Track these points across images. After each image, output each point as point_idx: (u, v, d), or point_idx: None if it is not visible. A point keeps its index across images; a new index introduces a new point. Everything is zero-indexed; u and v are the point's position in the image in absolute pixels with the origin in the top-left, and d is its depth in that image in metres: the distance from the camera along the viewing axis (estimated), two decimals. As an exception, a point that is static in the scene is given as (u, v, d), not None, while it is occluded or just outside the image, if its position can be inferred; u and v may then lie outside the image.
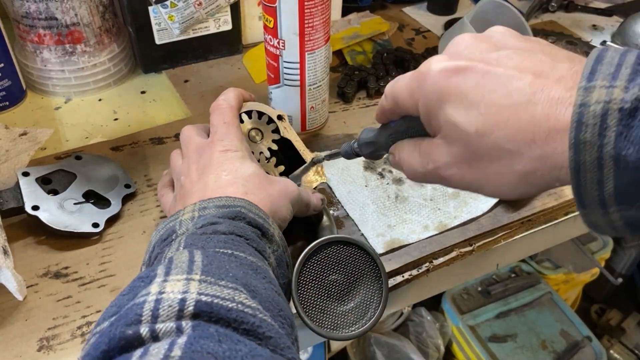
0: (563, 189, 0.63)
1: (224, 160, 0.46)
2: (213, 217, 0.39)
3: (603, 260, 1.50)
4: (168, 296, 0.28)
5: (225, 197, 0.42)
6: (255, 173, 0.46)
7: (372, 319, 0.46)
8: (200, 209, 0.41)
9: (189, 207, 0.41)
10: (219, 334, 0.27)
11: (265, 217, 0.42)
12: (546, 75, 0.30)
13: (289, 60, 0.63)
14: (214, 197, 0.42)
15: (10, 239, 0.54)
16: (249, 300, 0.30)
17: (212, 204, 0.41)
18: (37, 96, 0.77)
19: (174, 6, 0.75)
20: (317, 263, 0.46)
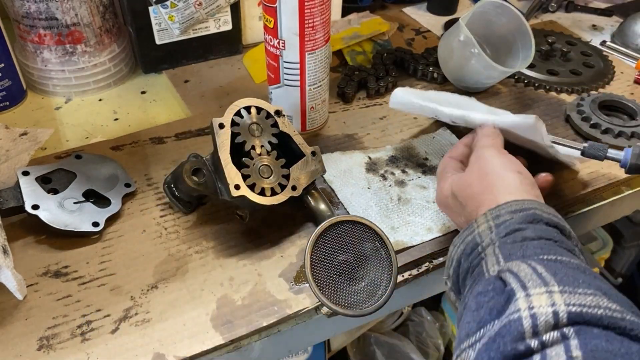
0: (563, 189, 0.63)
1: None
2: (513, 223, 0.41)
3: (603, 260, 1.50)
4: (539, 310, 0.31)
5: (513, 201, 0.43)
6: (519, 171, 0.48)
7: (384, 296, 0.49)
8: (494, 218, 0.42)
9: (481, 219, 0.43)
10: (604, 335, 0.30)
11: (556, 214, 0.43)
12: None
13: (289, 61, 0.63)
14: (502, 204, 0.43)
15: (10, 238, 0.54)
16: (612, 304, 0.32)
17: (504, 210, 0.42)
18: (37, 96, 0.77)
19: (174, 6, 0.75)
20: (327, 244, 0.49)
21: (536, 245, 0.38)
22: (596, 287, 0.33)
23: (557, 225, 0.41)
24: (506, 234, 0.40)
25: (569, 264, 0.36)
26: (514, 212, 0.42)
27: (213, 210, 0.60)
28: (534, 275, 0.34)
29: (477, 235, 0.42)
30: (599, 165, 0.66)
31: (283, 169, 0.54)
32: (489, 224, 0.42)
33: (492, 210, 0.43)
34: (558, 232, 0.41)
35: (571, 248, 0.40)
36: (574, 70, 0.82)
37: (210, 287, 0.52)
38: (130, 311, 0.50)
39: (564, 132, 0.72)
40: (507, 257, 0.38)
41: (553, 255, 0.37)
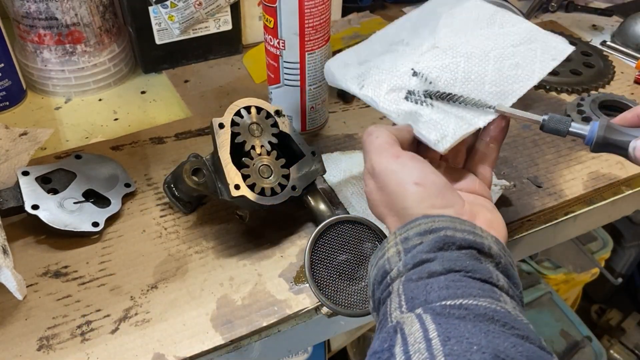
0: (563, 189, 0.63)
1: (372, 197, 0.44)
2: (421, 252, 0.36)
3: (603, 260, 1.50)
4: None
5: (422, 219, 0.38)
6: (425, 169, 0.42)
7: None
8: (403, 241, 0.38)
9: (391, 240, 0.39)
10: None
11: (472, 228, 0.38)
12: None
13: (289, 60, 0.63)
14: (411, 222, 0.39)
15: (10, 239, 0.54)
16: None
17: (412, 232, 0.38)
18: (37, 96, 0.77)
19: (174, 6, 0.75)
20: (327, 244, 0.49)
21: (442, 284, 0.34)
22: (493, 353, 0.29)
23: (471, 245, 0.37)
24: (413, 265, 0.36)
25: (473, 313, 0.32)
26: (422, 234, 0.37)
27: (213, 210, 0.60)
28: (422, 343, 0.30)
29: (387, 261, 0.38)
30: (599, 165, 0.66)
31: (283, 169, 0.54)
32: (397, 248, 0.38)
33: (401, 230, 0.39)
34: (473, 252, 0.36)
35: (487, 276, 0.35)
36: (574, 70, 0.82)
37: (210, 287, 0.52)
38: (130, 311, 0.50)
39: (564, 132, 0.71)
40: (409, 302, 0.34)
41: (459, 298, 0.33)
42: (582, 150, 0.69)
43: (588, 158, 0.68)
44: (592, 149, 0.45)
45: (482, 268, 0.35)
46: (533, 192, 0.62)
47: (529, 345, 0.30)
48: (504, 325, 0.31)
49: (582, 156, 0.68)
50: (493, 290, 0.34)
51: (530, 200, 0.61)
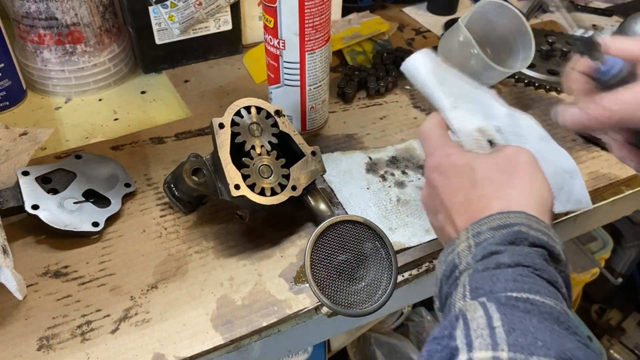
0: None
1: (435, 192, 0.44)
2: (491, 244, 0.36)
3: (603, 260, 1.50)
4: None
5: (497, 215, 0.37)
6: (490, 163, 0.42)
7: (384, 296, 0.48)
8: (475, 235, 0.37)
9: (463, 235, 0.38)
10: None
11: (547, 231, 0.37)
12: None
13: (289, 60, 0.63)
14: (485, 217, 0.38)
15: (10, 238, 0.54)
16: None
17: (485, 226, 0.37)
18: (37, 96, 0.77)
19: (174, 6, 0.75)
20: (327, 244, 0.49)
21: (509, 276, 0.33)
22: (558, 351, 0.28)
23: (544, 245, 0.36)
24: (482, 257, 0.35)
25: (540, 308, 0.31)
26: (496, 228, 0.37)
27: (213, 210, 0.60)
28: (485, 330, 0.29)
29: (457, 255, 0.38)
30: (599, 165, 0.66)
31: (283, 169, 0.54)
32: (468, 242, 0.37)
33: (474, 226, 0.38)
34: (544, 254, 0.36)
35: (553, 278, 0.34)
36: (574, 70, 0.82)
37: (210, 287, 0.52)
38: (130, 311, 0.50)
39: (564, 131, 0.71)
40: (473, 291, 0.34)
41: (525, 292, 0.32)
42: (582, 150, 0.69)
43: (588, 158, 0.68)
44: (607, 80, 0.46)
45: (550, 270, 0.35)
46: (533, 192, 0.62)
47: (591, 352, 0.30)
48: (568, 329, 0.30)
49: (582, 156, 0.68)
50: (557, 294, 0.34)
51: None
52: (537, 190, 0.40)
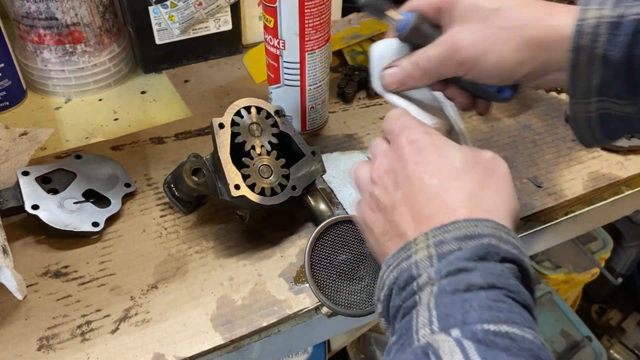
0: (563, 189, 0.63)
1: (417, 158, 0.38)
2: (459, 259, 0.31)
3: (603, 260, 1.50)
4: None
5: (464, 222, 0.33)
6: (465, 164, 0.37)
7: None
8: (437, 244, 0.33)
9: (421, 241, 0.34)
10: None
11: (517, 243, 0.33)
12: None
13: (289, 60, 0.63)
14: (449, 224, 0.33)
15: (10, 239, 0.54)
16: None
17: (449, 235, 0.33)
18: (37, 96, 0.77)
19: (174, 6, 0.75)
20: (327, 244, 0.49)
21: (483, 302, 0.29)
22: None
23: (515, 259, 0.32)
24: (448, 273, 0.31)
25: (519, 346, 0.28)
26: (462, 239, 0.32)
27: (213, 210, 0.60)
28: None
29: (414, 264, 0.33)
30: (599, 165, 0.66)
31: (283, 169, 0.54)
32: (429, 252, 0.33)
33: (436, 232, 0.33)
34: (516, 270, 0.32)
35: (527, 301, 0.31)
36: (574, 70, 0.82)
37: (210, 287, 0.52)
38: (130, 311, 0.50)
39: (564, 131, 0.72)
40: (442, 319, 0.29)
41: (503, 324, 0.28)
42: (582, 150, 0.69)
43: (588, 158, 0.68)
44: (403, 37, 0.47)
45: (523, 291, 0.31)
46: (533, 192, 0.62)
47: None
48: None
49: (582, 156, 0.68)
50: (532, 322, 0.31)
51: (530, 200, 0.61)
52: (510, 199, 0.37)
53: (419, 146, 0.38)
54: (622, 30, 0.36)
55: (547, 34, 0.40)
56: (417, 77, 0.46)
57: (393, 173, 0.39)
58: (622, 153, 0.68)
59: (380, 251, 0.39)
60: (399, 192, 0.38)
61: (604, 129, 0.41)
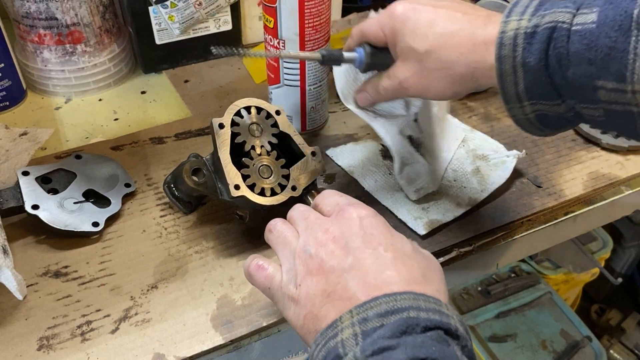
0: (563, 189, 0.63)
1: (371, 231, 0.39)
2: (382, 337, 0.32)
3: (603, 260, 1.50)
4: None
5: (384, 298, 0.34)
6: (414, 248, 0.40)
7: None
8: (361, 322, 0.34)
9: (346, 318, 0.34)
10: None
11: (440, 307, 0.35)
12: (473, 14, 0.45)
13: (289, 60, 0.63)
14: (370, 301, 0.35)
15: (10, 239, 0.54)
16: None
17: (372, 311, 0.34)
18: (37, 96, 0.77)
19: (174, 6, 0.75)
20: None
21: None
22: None
23: (438, 325, 0.33)
24: (372, 352, 0.32)
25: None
26: (383, 315, 0.33)
27: (213, 210, 0.60)
28: None
29: (340, 343, 0.33)
30: (599, 165, 0.66)
31: (283, 169, 0.54)
32: (354, 330, 0.33)
33: (359, 309, 0.34)
34: (440, 334, 0.33)
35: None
36: (574, 70, 0.82)
37: (210, 287, 0.52)
38: (130, 311, 0.50)
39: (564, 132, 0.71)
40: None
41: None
42: (582, 150, 0.69)
43: (588, 158, 0.68)
44: (362, 70, 0.53)
45: (449, 353, 0.32)
46: (533, 192, 0.62)
47: None
48: None
49: (582, 156, 0.68)
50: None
51: (530, 200, 0.61)
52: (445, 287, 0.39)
53: (371, 221, 0.40)
54: (537, 39, 0.39)
55: (470, 70, 0.44)
56: (381, 99, 0.54)
57: (343, 239, 0.39)
58: (622, 153, 0.68)
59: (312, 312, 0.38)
60: (350, 258, 0.38)
61: (547, 126, 0.44)
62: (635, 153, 0.68)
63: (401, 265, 0.37)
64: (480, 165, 0.63)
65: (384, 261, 0.37)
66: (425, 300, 0.34)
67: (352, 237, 0.39)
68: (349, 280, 0.37)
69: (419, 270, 0.38)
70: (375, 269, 0.37)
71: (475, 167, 0.63)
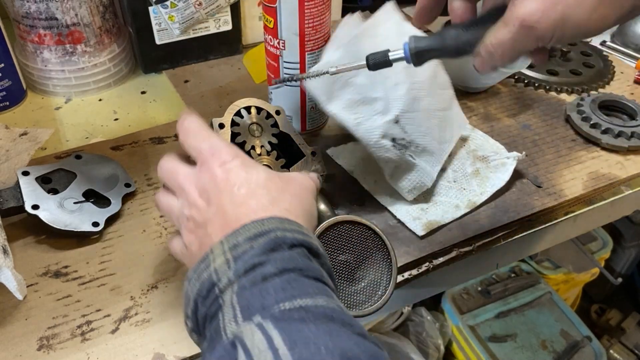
0: (563, 189, 0.63)
1: (227, 175, 0.41)
2: (252, 256, 0.35)
3: (603, 260, 1.50)
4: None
5: (251, 224, 0.37)
6: (269, 176, 0.42)
7: (384, 297, 0.48)
8: (232, 248, 0.36)
9: (217, 249, 0.36)
10: None
11: (301, 229, 0.38)
12: None
13: (289, 61, 0.63)
14: (240, 228, 0.37)
15: (10, 238, 0.54)
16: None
17: (241, 237, 0.36)
18: (37, 96, 0.77)
19: (174, 6, 0.75)
20: (327, 244, 0.49)
21: (278, 286, 0.33)
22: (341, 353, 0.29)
23: (302, 243, 0.36)
24: (245, 271, 0.34)
25: (313, 314, 0.31)
26: (253, 238, 0.36)
27: (213, 210, 0.60)
28: (269, 353, 0.28)
29: (214, 272, 0.35)
30: (599, 165, 0.67)
31: (283, 169, 0.54)
32: (225, 257, 0.35)
33: (230, 238, 0.36)
34: (304, 251, 0.36)
35: (318, 275, 0.35)
36: (573, 70, 0.82)
37: (210, 287, 0.52)
38: (130, 311, 0.50)
39: (564, 132, 0.72)
40: (244, 311, 0.32)
41: (296, 299, 0.32)
42: (582, 150, 0.69)
43: (588, 158, 0.68)
44: (415, 64, 0.45)
45: (313, 267, 0.36)
46: (533, 192, 0.62)
47: (368, 343, 0.31)
48: (343, 323, 0.32)
49: (582, 156, 0.68)
50: (325, 288, 0.35)
51: (530, 200, 0.61)
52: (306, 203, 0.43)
53: (228, 167, 0.41)
54: None
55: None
56: (498, 62, 0.42)
57: (206, 193, 0.41)
58: (622, 153, 0.68)
59: None
60: (212, 208, 0.40)
61: None
62: (635, 153, 0.68)
63: (251, 198, 0.39)
64: (480, 167, 0.63)
65: (237, 200, 0.39)
66: (289, 223, 0.38)
67: (213, 189, 0.40)
68: (210, 228, 0.39)
69: (267, 197, 0.40)
70: (231, 209, 0.39)
71: (475, 169, 0.63)
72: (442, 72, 0.61)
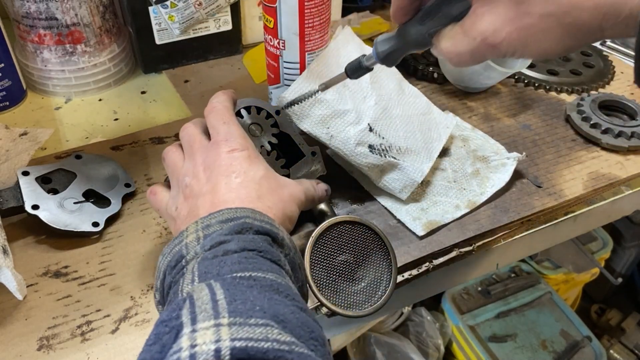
0: (563, 189, 0.63)
1: (232, 162, 0.45)
2: (219, 234, 0.38)
3: (603, 260, 1.50)
4: (201, 349, 0.28)
5: (226, 210, 0.40)
6: (266, 176, 0.46)
7: (384, 297, 0.48)
8: (204, 228, 0.39)
9: (192, 227, 0.40)
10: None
11: (272, 222, 0.41)
12: None
13: (289, 60, 0.63)
14: (216, 212, 0.40)
15: (10, 239, 0.54)
16: (282, 335, 0.30)
17: (214, 219, 0.39)
18: (37, 96, 0.77)
19: (174, 6, 0.75)
20: (327, 244, 0.49)
21: (236, 260, 0.35)
22: (273, 314, 0.31)
23: (268, 232, 0.39)
24: (210, 246, 0.37)
25: (261, 281, 0.34)
26: (224, 221, 0.39)
27: (213, 210, 0.60)
28: (209, 304, 0.31)
29: (184, 246, 0.38)
30: (599, 165, 0.67)
31: (283, 169, 0.54)
32: (197, 235, 0.39)
33: (204, 219, 0.40)
34: (268, 239, 0.39)
35: (276, 258, 0.38)
36: (574, 70, 0.82)
37: (210, 287, 0.52)
38: (130, 311, 0.50)
39: (564, 132, 0.72)
40: (202, 276, 0.35)
41: (249, 271, 0.34)
42: (582, 150, 0.69)
43: (588, 158, 0.68)
44: (388, 65, 0.47)
45: (273, 251, 0.38)
46: (533, 192, 0.62)
47: (306, 315, 0.33)
48: (287, 296, 0.34)
49: (582, 156, 0.68)
50: (280, 270, 0.37)
51: (530, 200, 0.61)
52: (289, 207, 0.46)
53: (235, 155, 0.45)
54: None
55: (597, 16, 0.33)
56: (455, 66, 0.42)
57: (209, 170, 0.45)
58: (622, 153, 0.68)
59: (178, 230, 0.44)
60: (209, 185, 0.44)
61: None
62: (635, 153, 0.68)
63: (243, 188, 0.43)
64: (480, 167, 0.63)
65: (231, 186, 0.43)
66: (261, 215, 0.40)
67: (217, 168, 0.44)
68: (200, 202, 0.43)
69: (256, 192, 0.44)
70: (222, 192, 0.43)
71: (475, 169, 0.63)
72: (408, 85, 0.66)
